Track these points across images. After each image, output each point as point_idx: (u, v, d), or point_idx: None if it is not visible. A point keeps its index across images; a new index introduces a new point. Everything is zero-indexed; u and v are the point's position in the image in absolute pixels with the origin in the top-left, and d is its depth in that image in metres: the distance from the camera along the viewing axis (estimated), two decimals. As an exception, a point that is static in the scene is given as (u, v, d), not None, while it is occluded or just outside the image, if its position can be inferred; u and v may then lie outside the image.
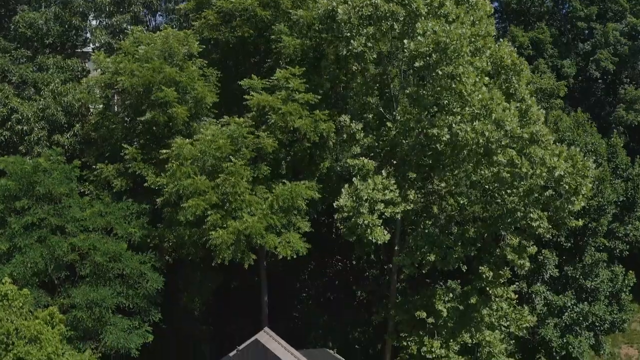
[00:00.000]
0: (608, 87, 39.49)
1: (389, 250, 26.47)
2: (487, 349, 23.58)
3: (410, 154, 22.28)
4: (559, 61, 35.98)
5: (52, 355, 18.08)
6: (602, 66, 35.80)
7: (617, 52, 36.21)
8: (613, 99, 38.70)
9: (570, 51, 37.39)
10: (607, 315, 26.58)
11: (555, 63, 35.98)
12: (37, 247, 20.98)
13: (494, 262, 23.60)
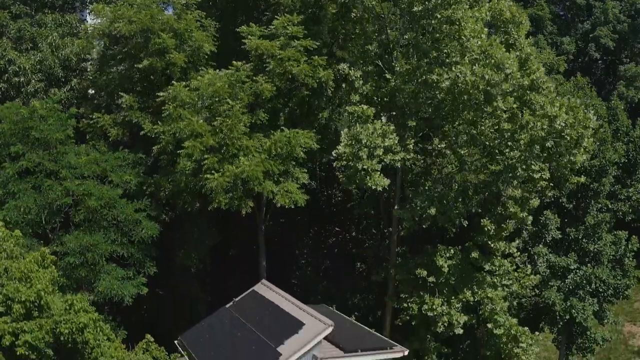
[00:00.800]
0: (608, 67, 39.52)
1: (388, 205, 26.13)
2: (490, 307, 23.12)
3: (410, 103, 22.10)
4: (558, 38, 36.03)
5: (42, 292, 17.72)
6: (602, 43, 35.86)
7: (616, 30, 36.26)
8: (613, 79, 38.68)
9: (570, 29, 37.47)
10: (610, 280, 26.11)
11: (555, 40, 36.03)
12: (31, 193, 20.71)
13: (495, 217, 23.25)
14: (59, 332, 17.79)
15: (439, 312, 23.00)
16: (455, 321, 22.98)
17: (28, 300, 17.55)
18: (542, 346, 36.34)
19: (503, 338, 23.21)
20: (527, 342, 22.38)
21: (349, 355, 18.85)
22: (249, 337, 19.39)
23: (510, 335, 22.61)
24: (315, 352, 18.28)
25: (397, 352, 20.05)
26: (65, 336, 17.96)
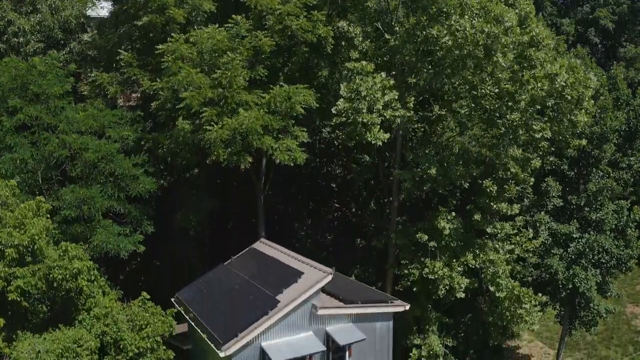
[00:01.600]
0: (608, 51, 39.57)
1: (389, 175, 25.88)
2: (492, 269, 22.77)
3: (410, 62, 21.97)
4: (558, 19, 36.09)
5: (36, 237, 17.41)
6: (602, 25, 35.90)
7: (615, 12, 36.34)
8: (613, 62, 38.63)
9: (570, 12, 37.55)
10: (613, 249, 25.79)
11: (555, 21, 36.07)
12: (28, 147, 20.50)
13: (497, 179, 22.98)
14: (52, 278, 17.47)
15: (440, 276, 22.65)
16: (456, 284, 22.63)
17: (21, 245, 17.24)
18: (544, 327, 35.96)
19: (506, 302, 22.83)
20: (530, 303, 21.99)
21: (349, 306, 18.50)
22: (247, 289, 19.06)
23: (513, 297, 22.23)
24: (315, 301, 17.95)
25: (398, 306, 19.71)
26: (59, 282, 17.64)
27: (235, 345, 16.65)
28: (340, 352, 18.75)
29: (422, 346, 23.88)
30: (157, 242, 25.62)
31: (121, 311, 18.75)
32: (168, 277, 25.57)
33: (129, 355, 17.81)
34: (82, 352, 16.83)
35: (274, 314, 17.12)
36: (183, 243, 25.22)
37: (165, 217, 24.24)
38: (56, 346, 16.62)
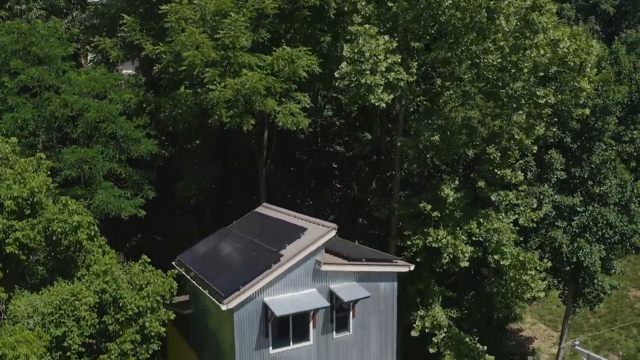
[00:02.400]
0: (609, 37, 39.56)
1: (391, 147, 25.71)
2: (496, 238, 22.53)
3: (413, 28, 21.91)
4: (559, 4, 36.10)
5: (36, 190, 17.20)
6: (602, 9, 35.99)
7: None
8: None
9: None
10: (617, 222, 25.59)
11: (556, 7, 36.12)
12: (29, 107, 20.36)
13: (501, 146, 22.81)
14: (51, 230, 17.24)
15: (443, 244, 22.42)
16: (460, 253, 22.37)
17: (20, 197, 17.03)
18: (547, 310, 35.70)
19: (510, 272, 22.57)
20: (535, 270, 21.74)
21: (352, 263, 18.26)
22: (249, 247, 18.83)
23: (518, 264, 21.98)
24: (319, 257, 17.70)
25: (402, 266, 19.47)
26: (58, 235, 17.40)
27: (237, 299, 16.38)
28: (344, 311, 18.48)
29: (425, 317, 23.58)
30: (157, 216, 25.43)
31: (121, 270, 18.52)
32: (168, 253, 25.31)
33: (128, 313, 17.52)
34: (81, 307, 16.55)
35: (276, 268, 16.87)
36: (184, 219, 25.02)
37: (166, 190, 24.03)
38: (54, 298, 16.37)
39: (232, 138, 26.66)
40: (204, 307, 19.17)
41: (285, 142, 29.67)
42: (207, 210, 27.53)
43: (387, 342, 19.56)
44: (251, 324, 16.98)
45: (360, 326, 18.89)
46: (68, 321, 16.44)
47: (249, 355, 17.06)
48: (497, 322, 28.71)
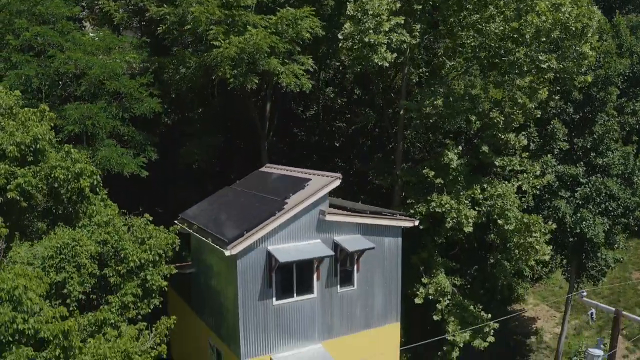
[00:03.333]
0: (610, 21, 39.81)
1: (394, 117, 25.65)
2: (500, 202, 22.39)
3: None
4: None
5: (39, 136, 17.07)
6: (602, -7, 36.22)
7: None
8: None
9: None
10: (620, 193, 25.49)
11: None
12: (34, 65, 20.31)
13: (504, 110, 22.77)
14: (53, 177, 17.10)
15: (447, 209, 22.27)
16: (464, 218, 22.22)
17: (23, 144, 16.91)
18: (549, 291, 35.45)
19: (514, 238, 22.40)
20: (540, 232, 21.59)
21: (357, 214, 18.13)
22: (252, 199, 18.70)
23: (522, 227, 21.82)
24: (323, 207, 17.56)
25: (407, 221, 19.34)
26: (60, 182, 17.27)
27: (240, 245, 16.21)
28: (348, 265, 18.32)
29: (429, 285, 23.35)
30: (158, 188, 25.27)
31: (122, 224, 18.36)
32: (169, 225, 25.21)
33: (129, 265, 17.33)
34: (82, 253, 16.36)
35: (281, 215, 16.73)
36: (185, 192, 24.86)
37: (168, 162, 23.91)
38: (54, 242, 16.18)
39: (234, 109, 26.63)
40: (206, 263, 18.99)
41: (287, 120, 29.66)
42: (209, 184, 27.36)
43: (391, 299, 19.38)
44: (254, 273, 16.80)
45: (364, 281, 18.71)
46: (68, 267, 16.23)
47: (253, 306, 16.85)
48: (500, 299, 28.44)
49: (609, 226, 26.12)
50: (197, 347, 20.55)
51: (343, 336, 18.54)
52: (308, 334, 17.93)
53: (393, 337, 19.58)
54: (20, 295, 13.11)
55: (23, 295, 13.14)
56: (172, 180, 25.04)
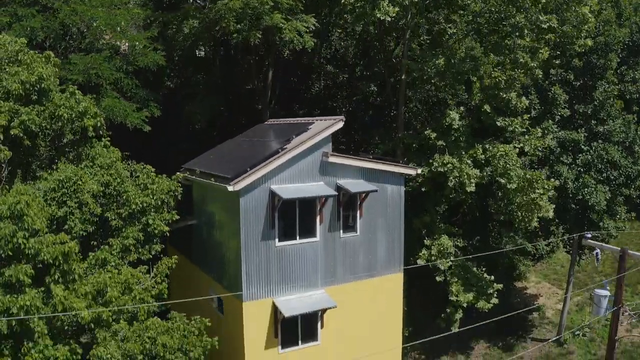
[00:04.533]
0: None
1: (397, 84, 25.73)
2: (503, 161, 22.38)
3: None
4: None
5: (44, 76, 17.10)
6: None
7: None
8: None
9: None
10: (622, 160, 25.52)
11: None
12: (39, 18, 20.44)
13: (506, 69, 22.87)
14: (57, 116, 17.12)
15: (449, 168, 22.26)
16: (466, 178, 22.18)
17: (28, 82, 16.96)
18: (551, 269, 35.25)
19: (517, 198, 22.36)
20: (543, 189, 21.56)
21: (360, 158, 18.12)
22: (256, 144, 18.72)
23: (525, 185, 21.79)
24: (326, 149, 17.55)
25: (409, 168, 19.32)
26: (64, 122, 17.28)
27: (244, 181, 16.16)
28: (351, 210, 18.24)
29: (432, 246, 23.24)
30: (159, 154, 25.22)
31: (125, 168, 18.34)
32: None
33: (131, 207, 17.28)
34: (84, 188, 16.30)
35: (284, 154, 16.71)
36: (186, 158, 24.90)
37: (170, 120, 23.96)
38: (56, 176, 16.13)
39: (235, 80, 26.73)
40: (208, 212, 18.91)
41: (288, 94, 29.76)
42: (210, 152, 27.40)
43: (394, 248, 19.27)
44: (257, 213, 16.72)
45: (367, 228, 18.63)
46: (70, 202, 16.17)
47: (255, 246, 16.75)
48: (503, 270, 28.27)
49: (610, 195, 26.11)
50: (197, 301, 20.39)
51: (346, 283, 18.41)
52: (311, 279, 17.80)
53: (396, 286, 19.43)
54: (21, 209, 13.05)
55: (25, 209, 13.08)
56: (173, 144, 25.04)
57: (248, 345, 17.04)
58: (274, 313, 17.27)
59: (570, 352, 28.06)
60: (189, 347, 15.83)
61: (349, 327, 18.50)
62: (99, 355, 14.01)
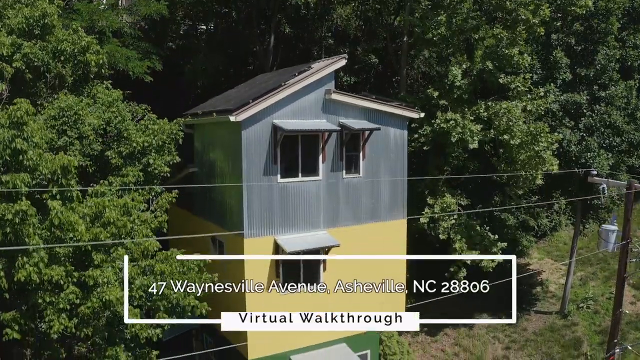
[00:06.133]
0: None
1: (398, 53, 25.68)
2: (506, 118, 22.24)
3: None
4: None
5: (48, 11, 17.04)
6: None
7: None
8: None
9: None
10: (624, 126, 25.42)
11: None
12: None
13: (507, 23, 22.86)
14: (60, 50, 17.04)
15: (452, 125, 22.11)
16: (468, 135, 22.02)
17: (32, 17, 16.92)
18: (554, 246, 34.90)
19: (521, 155, 22.17)
20: (547, 142, 21.41)
21: (362, 97, 18.00)
22: (258, 85, 18.58)
23: (529, 139, 21.62)
24: (329, 87, 17.43)
25: (412, 111, 19.18)
26: (67, 56, 17.21)
27: (246, 112, 15.99)
28: (354, 151, 18.05)
29: (435, 205, 22.98)
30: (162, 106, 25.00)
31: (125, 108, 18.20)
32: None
33: (132, 145, 17.11)
34: (85, 119, 16.14)
35: (287, 87, 16.57)
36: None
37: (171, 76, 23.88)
38: (57, 104, 15.98)
39: (237, 42, 26.72)
40: (210, 157, 18.70)
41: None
42: (212, 99, 27.32)
43: (397, 194, 19.05)
44: (259, 147, 16.50)
45: (370, 170, 18.43)
46: (70, 132, 16.02)
47: (257, 181, 16.51)
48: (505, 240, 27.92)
49: (614, 161, 25.96)
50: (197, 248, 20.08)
51: (350, 226, 18.15)
52: (313, 219, 17.55)
53: (400, 232, 19.17)
54: (22, 117, 12.86)
55: (25, 118, 12.89)
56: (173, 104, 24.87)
57: (249, 284, 16.70)
58: (276, 251, 16.98)
59: (575, 323, 27.63)
60: (189, 282, 15.54)
61: (351, 272, 18.15)
62: (94, 277, 13.70)
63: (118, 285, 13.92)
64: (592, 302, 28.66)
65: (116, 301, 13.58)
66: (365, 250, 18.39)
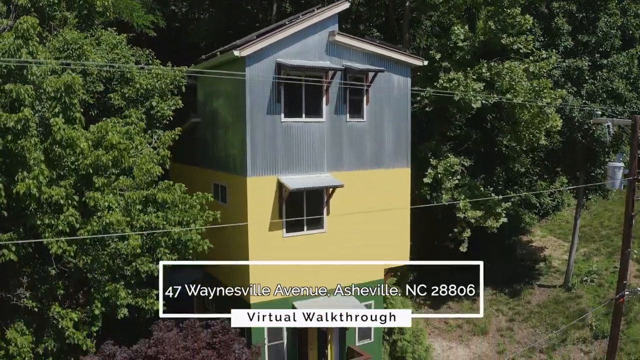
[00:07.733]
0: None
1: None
2: (508, 77, 22.22)
3: None
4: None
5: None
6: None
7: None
8: None
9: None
10: (626, 92, 25.40)
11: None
12: None
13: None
14: (65, -9, 17.06)
15: (454, 84, 22.09)
16: (471, 95, 21.97)
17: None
18: (556, 225, 34.65)
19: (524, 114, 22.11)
20: (550, 98, 21.36)
21: (366, 41, 17.96)
22: (261, 32, 18.54)
23: (532, 95, 21.56)
24: (332, 29, 17.40)
25: (415, 59, 19.15)
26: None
27: (251, 47, 15.93)
28: (357, 95, 17.97)
29: (438, 165, 22.85)
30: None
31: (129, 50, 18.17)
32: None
33: (135, 87, 17.07)
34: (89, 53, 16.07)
35: (291, 26, 16.56)
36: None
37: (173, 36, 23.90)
38: (62, 37, 15.93)
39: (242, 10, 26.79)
40: (212, 106, 18.63)
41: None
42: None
43: (401, 142, 18.95)
44: (263, 86, 16.41)
45: (373, 116, 18.34)
46: (75, 66, 15.93)
47: (261, 119, 16.40)
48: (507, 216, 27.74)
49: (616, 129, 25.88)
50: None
51: (353, 171, 18.01)
52: (317, 161, 17.41)
53: (403, 180, 19.03)
54: (27, 30, 12.78)
55: (31, 32, 12.81)
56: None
57: (252, 224, 16.51)
58: (279, 191, 16.81)
59: (579, 295, 27.29)
60: (190, 219, 15.36)
61: (354, 218, 17.99)
62: (95, 199, 13.51)
63: (119, 212, 13.76)
64: (596, 276, 28.34)
65: (117, 223, 13.40)
66: (369, 197, 18.25)
